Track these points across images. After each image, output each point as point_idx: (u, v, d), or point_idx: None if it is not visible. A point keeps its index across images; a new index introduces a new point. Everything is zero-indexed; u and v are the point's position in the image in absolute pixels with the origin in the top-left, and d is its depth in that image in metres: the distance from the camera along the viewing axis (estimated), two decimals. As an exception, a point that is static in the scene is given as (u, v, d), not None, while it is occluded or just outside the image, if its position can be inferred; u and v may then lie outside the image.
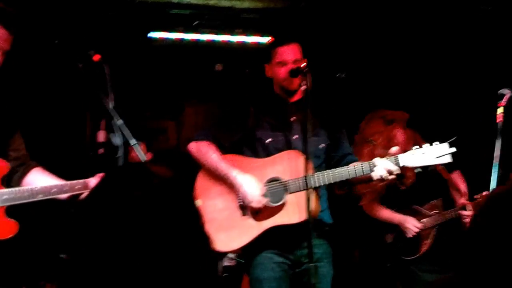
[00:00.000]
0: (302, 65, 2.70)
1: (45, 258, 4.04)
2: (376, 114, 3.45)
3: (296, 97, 2.93)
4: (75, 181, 2.38)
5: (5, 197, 2.26)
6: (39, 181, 2.42)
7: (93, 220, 1.04)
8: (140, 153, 2.42)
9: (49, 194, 2.32)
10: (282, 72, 2.85)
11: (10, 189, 2.29)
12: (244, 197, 2.71)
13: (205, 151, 2.82)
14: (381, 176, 2.59)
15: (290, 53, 2.86)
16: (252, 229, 2.73)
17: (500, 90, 2.68)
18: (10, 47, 2.37)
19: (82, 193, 2.38)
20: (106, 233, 1.01)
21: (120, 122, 2.38)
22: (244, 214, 2.76)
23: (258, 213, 2.74)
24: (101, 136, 3.24)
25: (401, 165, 2.61)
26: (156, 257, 1.00)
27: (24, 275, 4.07)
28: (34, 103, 4.59)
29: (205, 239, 1.10)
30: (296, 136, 2.86)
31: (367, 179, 2.72)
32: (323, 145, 2.90)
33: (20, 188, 2.33)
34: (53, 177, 2.49)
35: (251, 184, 2.70)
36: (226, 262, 4.02)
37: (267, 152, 2.83)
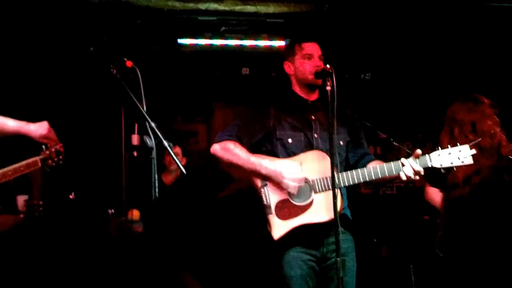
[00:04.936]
0: (327, 66, 2.67)
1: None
2: (466, 99, 3.18)
3: (315, 96, 2.95)
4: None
5: None
6: None
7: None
8: (173, 154, 2.51)
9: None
10: (308, 65, 2.86)
11: None
12: (283, 177, 2.68)
13: (232, 148, 2.80)
14: (408, 177, 2.61)
15: (315, 48, 2.89)
16: (278, 227, 2.74)
17: None
18: None
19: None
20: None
21: (153, 124, 2.46)
22: (269, 214, 2.76)
23: (284, 212, 2.75)
24: (135, 139, 3.35)
25: (428, 165, 2.61)
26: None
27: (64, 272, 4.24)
28: (72, 108, 4.79)
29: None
30: (317, 134, 2.87)
31: (393, 178, 2.71)
32: (342, 142, 2.91)
33: None
34: None
35: (287, 166, 2.69)
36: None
37: (288, 152, 2.84)
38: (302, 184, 2.70)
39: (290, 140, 2.85)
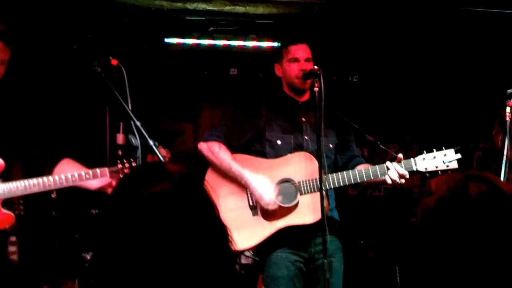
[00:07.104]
0: (315, 67, 2.71)
1: (67, 257, 4.12)
2: None
3: (306, 97, 2.96)
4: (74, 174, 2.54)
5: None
6: (66, 171, 2.58)
7: (113, 220, 1.06)
8: (159, 153, 2.48)
9: (43, 188, 2.49)
10: (294, 68, 2.88)
11: (5, 184, 2.46)
12: (259, 199, 2.72)
13: (217, 152, 2.81)
14: (393, 180, 2.63)
15: (302, 51, 2.90)
16: (264, 228, 2.75)
17: (509, 90, 2.68)
18: (8, 57, 2.59)
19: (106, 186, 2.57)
20: (125, 231, 1.03)
21: (138, 123, 2.44)
22: (255, 214, 2.77)
23: (270, 213, 2.75)
24: (120, 138, 3.31)
25: (413, 169, 2.64)
26: (173, 255, 1.03)
27: (46, 273, 4.17)
28: (55, 107, 4.72)
29: (224, 237, 1.14)
30: (307, 136, 2.88)
31: (379, 182, 2.74)
32: (332, 145, 2.92)
33: (14, 183, 2.48)
34: (80, 167, 2.63)
35: (265, 186, 2.71)
36: (242, 260, 4.08)
37: (276, 153, 2.84)
38: (276, 206, 2.72)
39: (279, 142, 2.86)
